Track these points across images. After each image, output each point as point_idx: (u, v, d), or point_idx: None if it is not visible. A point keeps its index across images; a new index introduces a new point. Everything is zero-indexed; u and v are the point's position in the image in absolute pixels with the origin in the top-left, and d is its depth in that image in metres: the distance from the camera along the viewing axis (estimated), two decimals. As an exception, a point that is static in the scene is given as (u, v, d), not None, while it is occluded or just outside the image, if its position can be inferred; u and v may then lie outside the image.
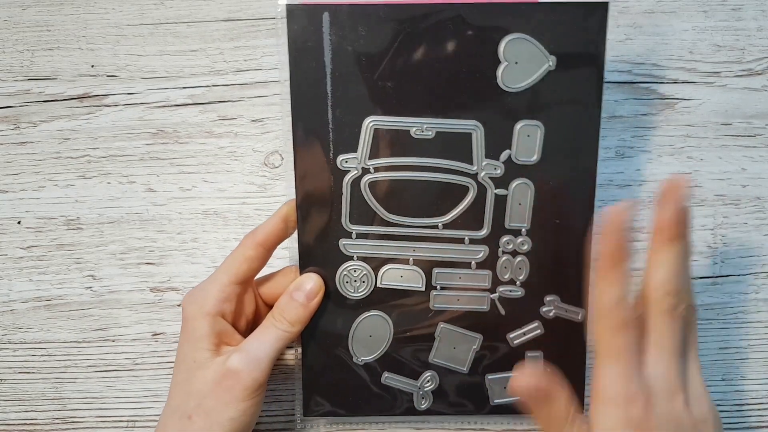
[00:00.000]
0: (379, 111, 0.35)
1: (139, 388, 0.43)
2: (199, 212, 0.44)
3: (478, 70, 0.35)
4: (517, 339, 0.38)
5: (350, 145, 0.35)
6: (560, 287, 0.37)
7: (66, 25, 0.45)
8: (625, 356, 0.31)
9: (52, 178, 0.44)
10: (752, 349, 0.43)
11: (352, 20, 0.34)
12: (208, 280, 0.37)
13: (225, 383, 0.34)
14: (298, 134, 0.35)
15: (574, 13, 0.34)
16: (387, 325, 0.37)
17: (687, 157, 0.44)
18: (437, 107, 0.35)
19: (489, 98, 0.35)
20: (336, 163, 0.36)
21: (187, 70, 0.45)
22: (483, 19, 0.34)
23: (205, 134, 0.44)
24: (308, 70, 0.35)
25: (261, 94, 0.45)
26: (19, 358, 0.44)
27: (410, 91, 0.35)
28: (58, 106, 0.45)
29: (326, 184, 0.36)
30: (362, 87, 0.35)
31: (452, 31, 0.34)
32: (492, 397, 0.38)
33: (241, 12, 0.45)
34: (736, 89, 0.44)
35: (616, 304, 0.31)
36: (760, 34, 0.45)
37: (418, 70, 0.35)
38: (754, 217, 0.44)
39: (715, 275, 0.44)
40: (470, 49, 0.34)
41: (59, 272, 0.44)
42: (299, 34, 0.34)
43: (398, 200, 0.36)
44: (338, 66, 0.35)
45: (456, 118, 0.35)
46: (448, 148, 0.35)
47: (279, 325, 0.35)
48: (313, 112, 0.35)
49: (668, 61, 0.45)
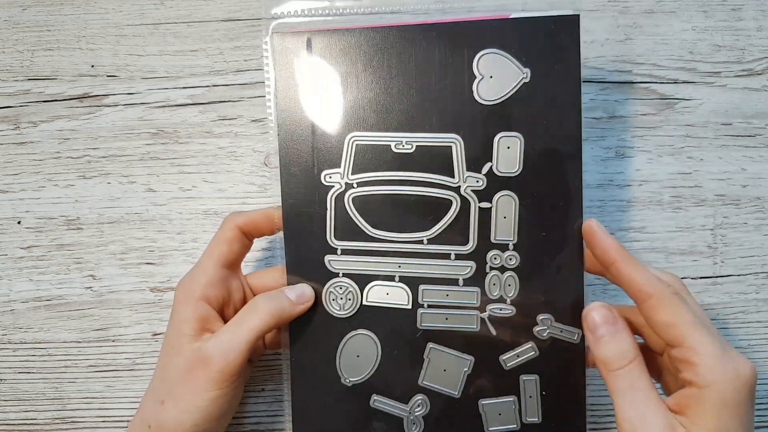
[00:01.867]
0: (359, 127, 0.36)
1: (139, 388, 0.43)
2: (199, 212, 0.44)
3: (455, 84, 0.35)
4: (510, 361, 0.36)
5: (333, 161, 0.36)
6: (553, 306, 0.35)
7: (66, 25, 0.45)
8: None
9: (52, 178, 0.44)
10: (752, 349, 0.43)
11: (331, 44, 0.36)
12: (195, 265, 0.37)
13: (194, 372, 0.33)
14: (284, 150, 0.36)
15: (546, 27, 0.35)
16: (374, 345, 0.36)
17: (687, 157, 0.44)
18: (416, 123, 0.35)
19: (467, 112, 0.35)
20: (320, 178, 0.36)
21: (187, 70, 0.45)
22: (456, 36, 0.35)
23: (205, 134, 0.44)
24: (292, 90, 0.36)
25: (261, 94, 0.45)
26: (19, 358, 0.44)
27: (390, 108, 0.36)
28: (58, 106, 0.45)
29: (311, 199, 0.36)
30: (343, 104, 0.36)
31: (427, 48, 0.35)
32: (487, 424, 0.36)
33: (241, 12, 0.45)
34: (736, 89, 0.44)
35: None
36: (760, 34, 0.45)
37: (396, 87, 0.35)
38: (754, 217, 0.44)
39: (715, 275, 0.44)
40: (446, 66, 0.35)
41: (59, 272, 0.44)
42: (284, 56, 0.36)
43: (382, 215, 0.36)
44: (320, 85, 0.36)
45: (435, 132, 0.35)
46: (430, 162, 0.36)
47: (258, 314, 0.34)
48: (297, 129, 0.36)
49: (668, 61, 0.45)
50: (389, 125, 0.36)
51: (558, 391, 0.36)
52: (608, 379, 0.31)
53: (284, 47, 0.36)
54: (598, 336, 0.32)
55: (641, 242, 0.44)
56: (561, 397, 0.36)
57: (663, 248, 0.44)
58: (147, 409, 0.35)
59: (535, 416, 0.36)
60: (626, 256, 0.32)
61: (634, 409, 0.30)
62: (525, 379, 0.36)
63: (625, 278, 0.32)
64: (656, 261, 0.43)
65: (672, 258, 0.43)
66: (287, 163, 0.36)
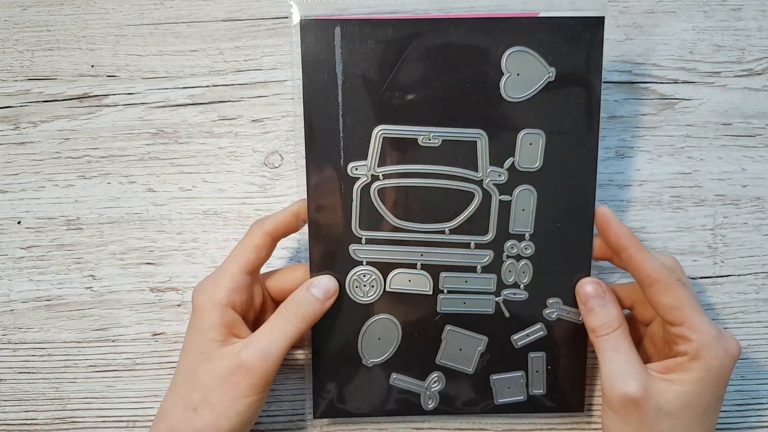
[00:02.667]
0: (387, 120, 0.36)
1: (139, 388, 0.43)
2: (199, 212, 0.44)
3: (482, 81, 0.36)
4: (521, 341, 0.39)
5: (360, 154, 0.37)
6: (562, 290, 0.38)
7: (66, 25, 0.45)
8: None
9: (52, 178, 0.44)
10: (752, 349, 0.43)
11: (362, 34, 0.36)
12: (218, 270, 0.37)
13: (233, 379, 0.34)
14: (311, 143, 0.36)
15: (572, 27, 0.36)
16: (396, 328, 0.38)
17: (687, 157, 0.44)
18: (443, 117, 0.36)
19: (493, 108, 0.36)
20: (347, 170, 0.37)
21: (187, 70, 0.45)
22: (486, 33, 0.36)
23: (205, 134, 0.44)
24: (320, 82, 0.36)
25: (261, 94, 0.45)
26: (19, 358, 0.44)
27: (417, 102, 0.36)
28: (58, 106, 0.45)
29: (337, 190, 0.37)
30: (371, 97, 0.36)
31: (457, 43, 0.36)
32: (497, 397, 0.39)
33: (241, 12, 0.45)
34: (736, 89, 0.44)
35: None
36: (760, 34, 0.45)
37: (424, 81, 0.36)
38: (754, 217, 0.44)
39: (715, 275, 0.44)
40: (474, 61, 0.36)
41: (59, 272, 0.44)
42: (312, 47, 0.36)
43: (406, 206, 0.37)
44: (348, 77, 0.36)
45: (461, 127, 0.36)
46: (454, 156, 0.37)
47: (292, 319, 0.36)
48: (324, 122, 0.36)
49: (668, 61, 0.45)
50: (417, 119, 0.36)
51: (562, 365, 0.39)
52: (596, 343, 0.36)
53: (312, 35, 0.36)
54: (589, 308, 0.36)
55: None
56: (565, 370, 0.39)
57: (663, 248, 0.44)
58: (176, 418, 0.34)
59: (540, 388, 0.39)
60: (637, 244, 0.35)
61: (616, 366, 0.34)
62: (533, 356, 0.39)
63: (636, 264, 0.35)
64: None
65: (672, 258, 0.44)
66: (314, 156, 0.37)
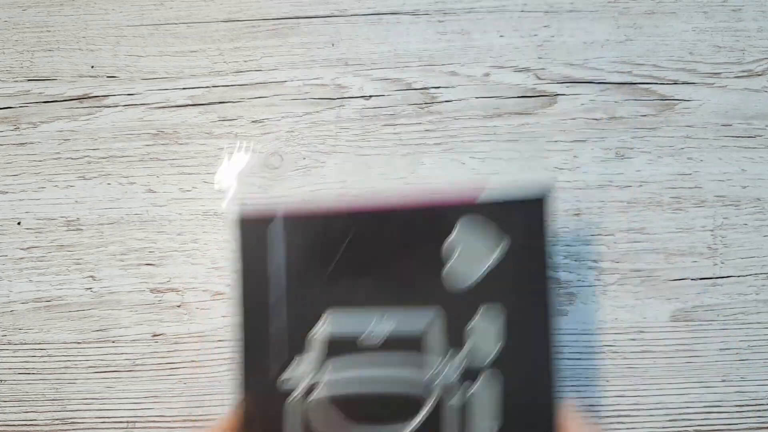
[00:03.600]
0: (333, 305, 0.34)
1: (139, 388, 0.43)
2: (199, 213, 0.44)
3: (427, 265, 0.34)
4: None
5: (295, 360, 0.34)
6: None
7: (66, 25, 0.45)
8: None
9: (52, 178, 0.44)
10: (752, 350, 0.43)
11: (301, 227, 0.34)
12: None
13: None
14: (243, 351, 0.34)
15: (514, 210, 0.34)
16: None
17: (687, 158, 0.44)
18: (390, 300, 0.34)
19: (439, 291, 0.34)
20: (276, 383, 0.34)
21: (187, 70, 0.45)
22: (426, 221, 0.34)
23: (205, 135, 0.44)
24: (256, 282, 0.34)
25: (261, 95, 0.45)
26: (19, 358, 0.44)
27: (360, 290, 0.34)
28: (58, 107, 0.45)
29: (267, 407, 0.34)
30: (310, 293, 0.34)
31: (398, 233, 0.35)
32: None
33: (241, 13, 0.45)
34: (736, 90, 0.44)
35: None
36: (760, 35, 0.45)
37: (366, 270, 0.34)
38: (754, 218, 0.44)
39: (715, 276, 0.44)
40: (417, 247, 0.34)
41: (59, 273, 0.44)
42: (249, 246, 0.34)
43: (347, 417, 0.34)
44: (289, 274, 0.34)
45: (410, 307, 0.34)
46: (400, 356, 0.34)
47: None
48: (258, 326, 0.34)
49: (668, 62, 0.45)
50: (363, 305, 0.34)
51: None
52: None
53: (249, 233, 0.34)
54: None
55: (641, 243, 0.44)
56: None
57: (663, 249, 0.44)
58: None
59: None
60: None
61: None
62: None
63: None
64: (656, 262, 0.43)
65: (672, 259, 0.43)
66: (245, 367, 0.34)
